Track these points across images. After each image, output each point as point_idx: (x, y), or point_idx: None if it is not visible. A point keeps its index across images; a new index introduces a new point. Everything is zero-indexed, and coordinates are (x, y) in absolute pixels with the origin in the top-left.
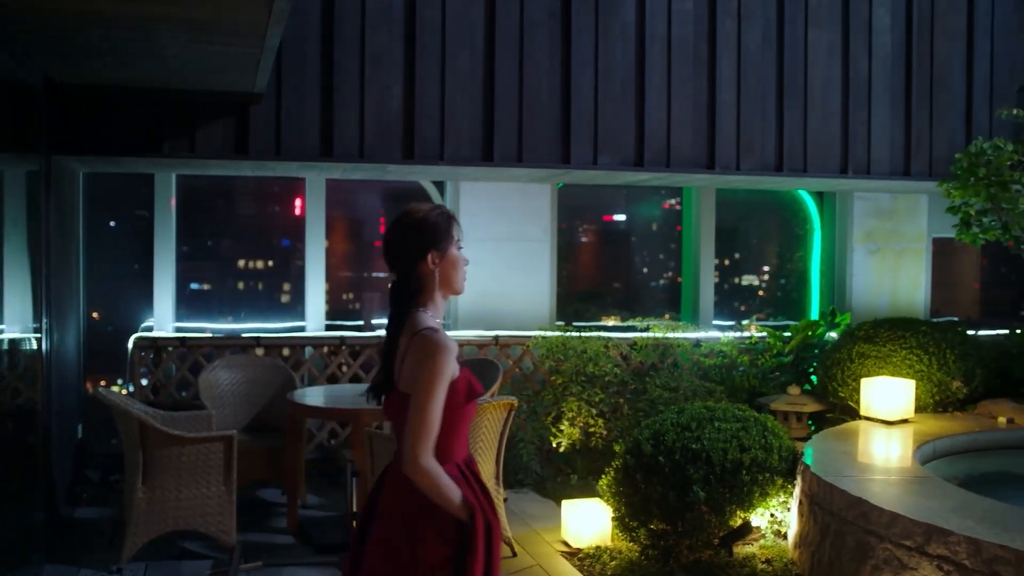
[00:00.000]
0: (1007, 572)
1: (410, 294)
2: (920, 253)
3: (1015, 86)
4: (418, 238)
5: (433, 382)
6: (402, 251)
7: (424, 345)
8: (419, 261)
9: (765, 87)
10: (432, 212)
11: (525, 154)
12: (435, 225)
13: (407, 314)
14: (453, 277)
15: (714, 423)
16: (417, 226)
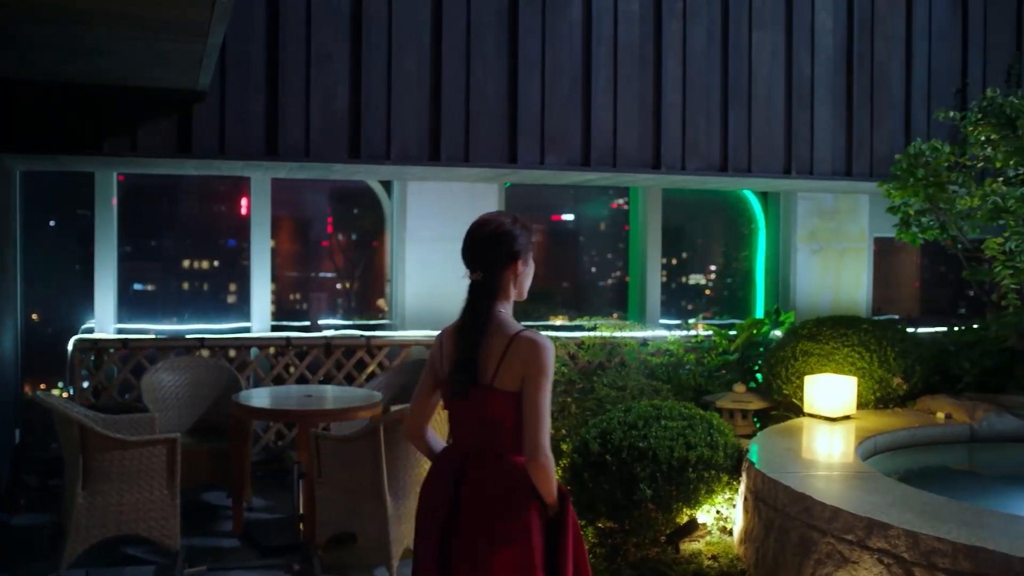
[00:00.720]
0: (943, 563)
1: (491, 295)
2: (862, 252)
3: (952, 89)
4: (512, 244)
5: (547, 380)
6: (495, 254)
7: (534, 348)
8: (508, 265)
9: (710, 88)
10: (520, 221)
11: (472, 153)
12: (525, 233)
13: (488, 314)
14: (526, 283)
15: (660, 421)
16: (511, 233)
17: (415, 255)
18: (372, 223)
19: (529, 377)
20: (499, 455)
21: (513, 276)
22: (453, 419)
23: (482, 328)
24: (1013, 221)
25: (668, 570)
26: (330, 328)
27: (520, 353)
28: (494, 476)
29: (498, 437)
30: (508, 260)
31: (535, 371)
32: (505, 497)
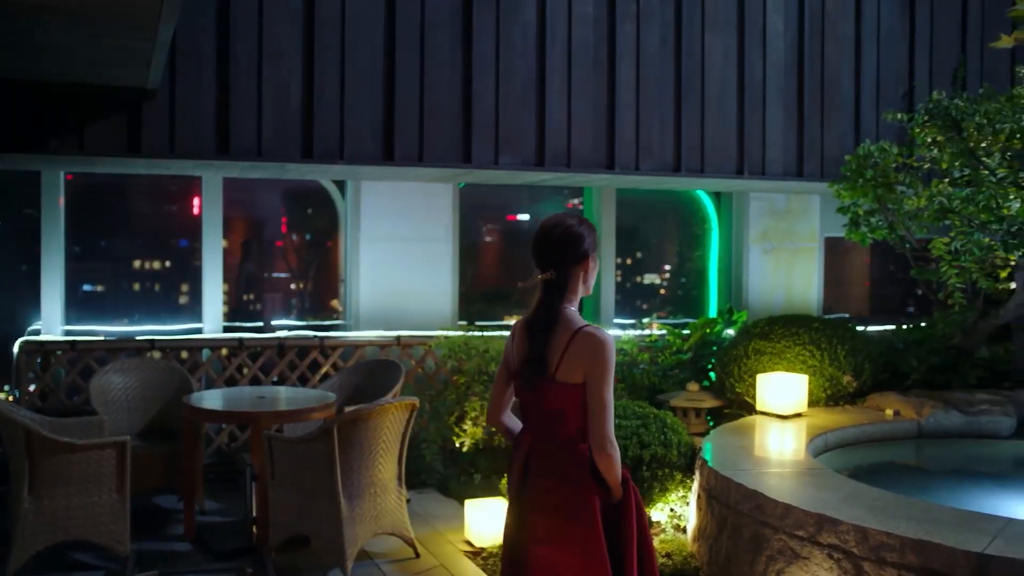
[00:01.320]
0: (892, 557)
1: (560, 292)
2: (813, 252)
3: (900, 91)
4: (581, 244)
5: (610, 374)
6: (565, 254)
7: (595, 342)
8: (579, 263)
9: (663, 89)
10: (586, 222)
11: (426, 153)
12: (591, 233)
13: (557, 310)
14: (592, 280)
15: (615, 420)
16: (580, 234)
17: (369, 255)
18: (326, 223)
19: (591, 371)
20: (563, 443)
21: (582, 274)
22: (523, 408)
23: (550, 324)
24: (958, 221)
25: None
26: (284, 329)
27: (582, 348)
28: (558, 463)
29: (562, 426)
30: (578, 259)
31: (597, 365)
32: (569, 483)
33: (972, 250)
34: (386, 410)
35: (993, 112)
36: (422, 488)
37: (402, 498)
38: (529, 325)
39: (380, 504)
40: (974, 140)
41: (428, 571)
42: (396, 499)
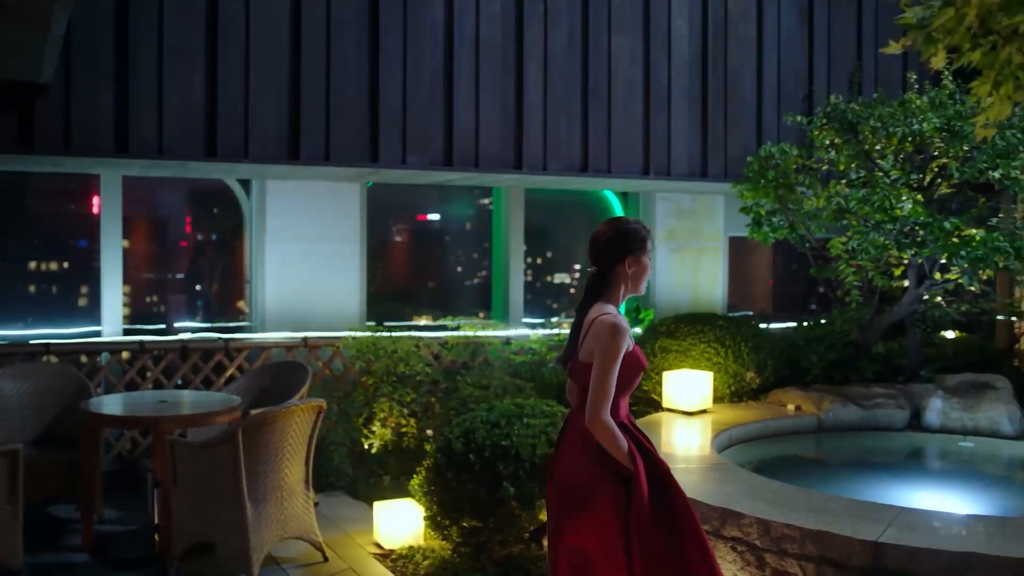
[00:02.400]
0: (792, 548)
1: (603, 287)
2: (718, 251)
3: (800, 94)
4: (622, 244)
5: (612, 356)
6: (608, 253)
7: (601, 324)
8: (620, 263)
9: (571, 90)
10: (635, 224)
11: (333, 152)
12: (636, 235)
13: (593, 301)
14: (639, 280)
15: (523, 419)
16: (624, 234)
17: (275, 255)
18: (232, 222)
19: (596, 350)
20: (578, 416)
21: (624, 273)
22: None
23: (583, 312)
24: (855, 221)
25: (532, 567)
26: (187, 331)
27: (592, 330)
28: (578, 436)
29: (578, 402)
30: (619, 259)
31: (598, 346)
32: (583, 454)
33: (868, 249)
34: (292, 413)
35: (887, 116)
36: (330, 491)
37: (310, 501)
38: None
39: (287, 508)
40: (869, 143)
41: (337, 575)
42: (303, 503)
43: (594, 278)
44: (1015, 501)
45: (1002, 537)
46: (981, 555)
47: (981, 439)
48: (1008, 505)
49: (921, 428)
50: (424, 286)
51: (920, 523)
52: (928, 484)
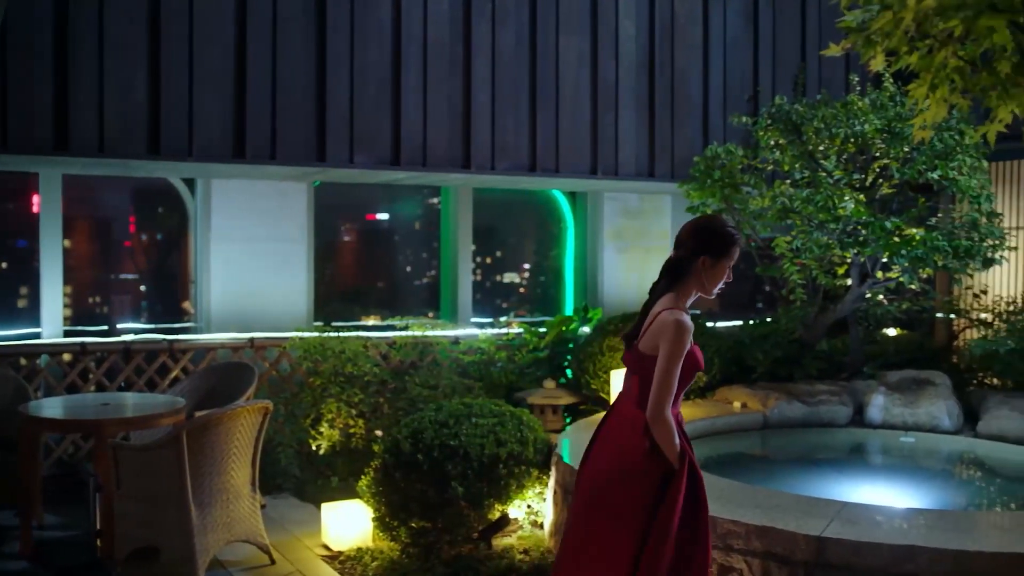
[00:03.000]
0: (738, 544)
1: (675, 276)
2: (665, 250)
3: (745, 96)
4: (705, 241)
5: (676, 354)
6: (688, 243)
7: (667, 320)
8: (695, 257)
9: (519, 90)
10: (727, 229)
11: (279, 151)
12: (722, 238)
13: (661, 291)
14: (710, 284)
15: (471, 419)
16: (710, 232)
17: (221, 255)
18: (176, 222)
19: (661, 345)
20: (625, 411)
21: (699, 269)
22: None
23: (651, 302)
24: (799, 221)
25: (481, 566)
26: (131, 332)
27: (659, 324)
28: (626, 423)
29: (629, 395)
30: (696, 253)
31: (665, 340)
32: (631, 438)
33: (812, 248)
34: (238, 414)
35: (830, 117)
36: (278, 493)
37: (256, 504)
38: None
39: (233, 511)
40: (813, 143)
41: None
42: (250, 505)
43: (670, 262)
44: (954, 494)
45: (941, 530)
46: (921, 547)
47: (922, 434)
48: (947, 498)
49: (864, 424)
50: (373, 286)
51: (862, 517)
52: (870, 479)
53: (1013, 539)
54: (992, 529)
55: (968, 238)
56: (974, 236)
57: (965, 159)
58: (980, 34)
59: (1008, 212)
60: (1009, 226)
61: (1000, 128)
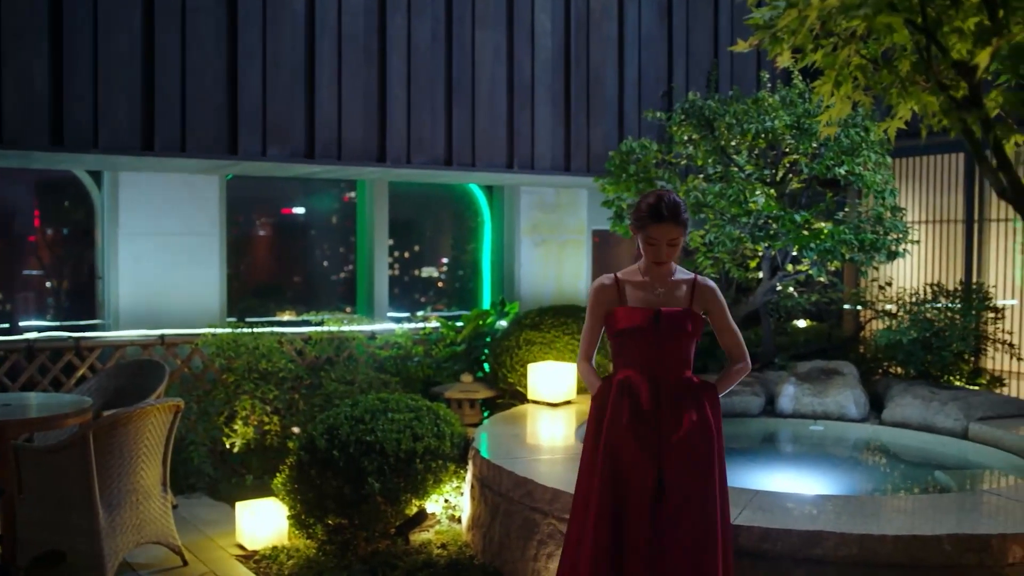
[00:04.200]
0: None
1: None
2: (581, 244)
3: (660, 91)
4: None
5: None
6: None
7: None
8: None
9: (435, 83)
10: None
11: (189, 143)
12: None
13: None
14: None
15: (388, 414)
16: (635, 207)
17: (129, 250)
18: (84, 216)
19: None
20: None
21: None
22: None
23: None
24: (712, 215)
25: (398, 561)
26: (34, 330)
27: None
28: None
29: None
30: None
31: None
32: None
33: (724, 242)
34: (147, 413)
35: (741, 113)
36: (190, 492)
37: (168, 504)
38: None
39: (143, 512)
40: (725, 139)
41: None
42: (161, 506)
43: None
44: (860, 480)
45: (847, 514)
46: (828, 532)
47: (830, 423)
48: (854, 484)
49: (775, 413)
50: (288, 281)
51: (773, 505)
52: (782, 467)
53: (914, 522)
54: (895, 513)
55: (873, 232)
56: (879, 230)
57: (870, 155)
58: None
59: (911, 207)
60: (912, 220)
61: (900, 124)
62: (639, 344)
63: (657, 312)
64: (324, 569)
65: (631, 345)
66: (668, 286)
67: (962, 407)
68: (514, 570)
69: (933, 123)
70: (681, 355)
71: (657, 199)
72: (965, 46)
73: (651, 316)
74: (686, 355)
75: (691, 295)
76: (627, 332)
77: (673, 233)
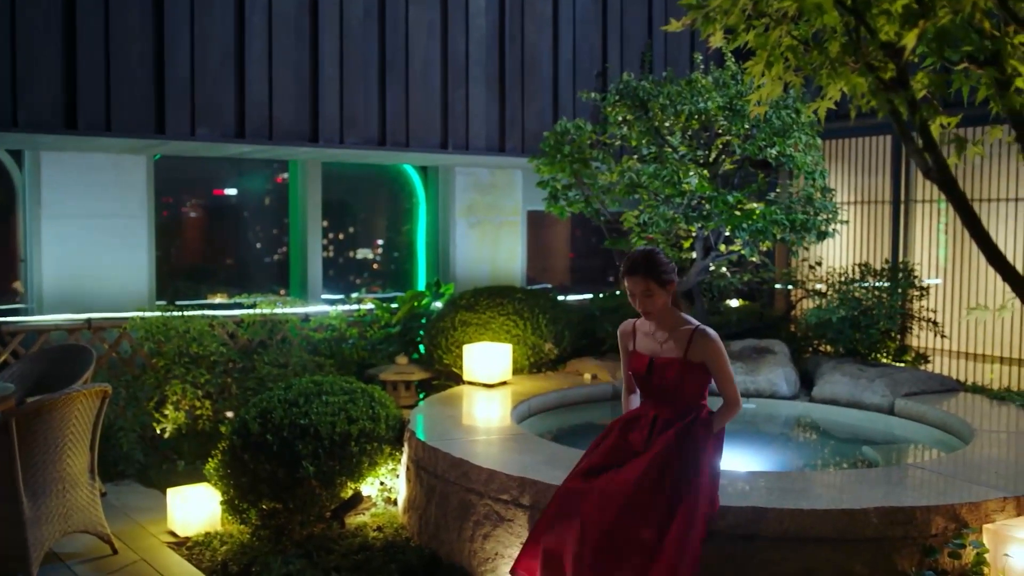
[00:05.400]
0: None
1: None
2: (516, 225)
3: (594, 71)
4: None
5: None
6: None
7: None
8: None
9: (367, 63)
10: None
11: (115, 123)
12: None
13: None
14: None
15: (322, 397)
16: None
17: (53, 232)
18: (4, 197)
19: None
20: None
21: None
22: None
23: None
24: (646, 195)
25: (334, 545)
26: None
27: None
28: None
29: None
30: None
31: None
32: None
33: (658, 222)
34: (73, 399)
35: (675, 94)
36: (120, 479)
37: (96, 492)
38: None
39: (70, 500)
40: (659, 120)
41: (127, 567)
42: (89, 494)
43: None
44: (792, 456)
45: (779, 491)
46: (762, 508)
47: (762, 400)
48: (786, 461)
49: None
50: (220, 263)
51: None
52: None
53: (844, 497)
54: (825, 488)
55: (804, 212)
56: (809, 210)
57: (801, 136)
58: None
59: (840, 187)
60: (841, 201)
61: (829, 105)
62: (642, 386)
63: (651, 360)
64: (258, 554)
65: (639, 385)
66: (669, 335)
67: (889, 384)
68: (450, 551)
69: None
70: (679, 397)
71: (634, 253)
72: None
73: (648, 363)
74: (686, 397)
75: (687, 345)
76: (635, 374)
77: (643, 285)
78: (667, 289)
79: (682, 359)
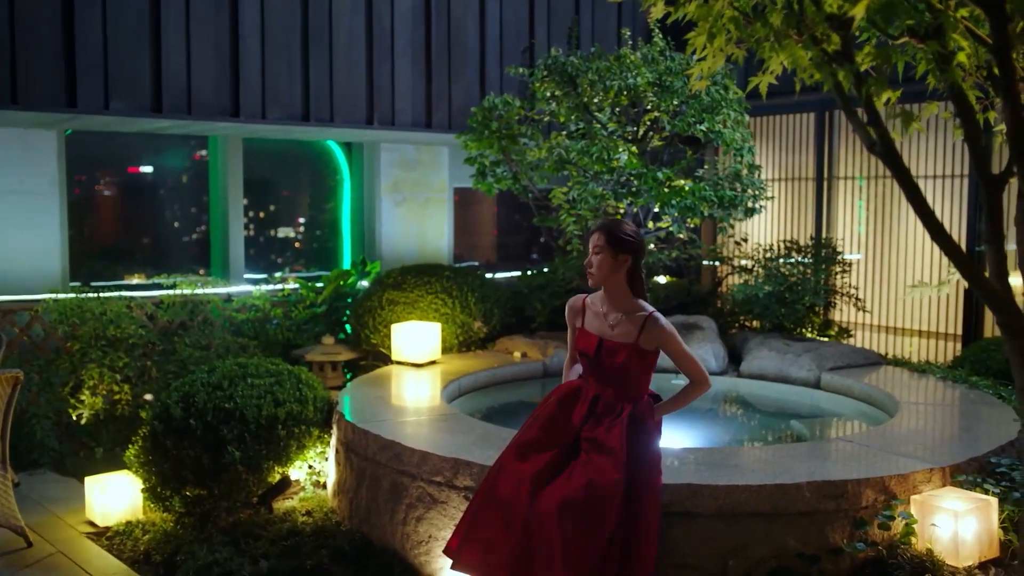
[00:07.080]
0: None
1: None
2: (443, 202)
3: (522, 47)
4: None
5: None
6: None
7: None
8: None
9: (290, 36)
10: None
11: (21, 95)
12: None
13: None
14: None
15: (247, 379)
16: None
17: None
18: None
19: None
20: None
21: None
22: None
23: None
24: (575, 172)
25: (262, 531)
26: None
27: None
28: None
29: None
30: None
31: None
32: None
33: (587, 199)
34: None
35: (603, 70)
36: (34, 468)
37: (8, 482)
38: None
39: None
40: (588, 96)
41: (43, 560)
42: (0, 484)
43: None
44: (721, 431)
45: (711, 467)
46: (695, 485)
47: None
48: (715, 436)
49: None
50: (137, 243)
51: None
52: None
53: (775, 471)
54: (756, 463)
55: (732, 189)
56: (737, 187)
57: (729, 113)
58: None
59: (766, 164)
60: (768, 178)
61: (771, 79)
62: (586, 365)
63: (600, 340)
64: (183, 543)
65: (584, 363)
66: (622, 319)
67: (814, 358)
68: (382, 535)
69: (805, 77)
70: (624, 380)
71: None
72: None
73: (596, 343)
74: (630, 380)
75: (639, 331)
76: (581, 354)
77: (596, 240)
78: (617, 258)
79: (633, 344)
